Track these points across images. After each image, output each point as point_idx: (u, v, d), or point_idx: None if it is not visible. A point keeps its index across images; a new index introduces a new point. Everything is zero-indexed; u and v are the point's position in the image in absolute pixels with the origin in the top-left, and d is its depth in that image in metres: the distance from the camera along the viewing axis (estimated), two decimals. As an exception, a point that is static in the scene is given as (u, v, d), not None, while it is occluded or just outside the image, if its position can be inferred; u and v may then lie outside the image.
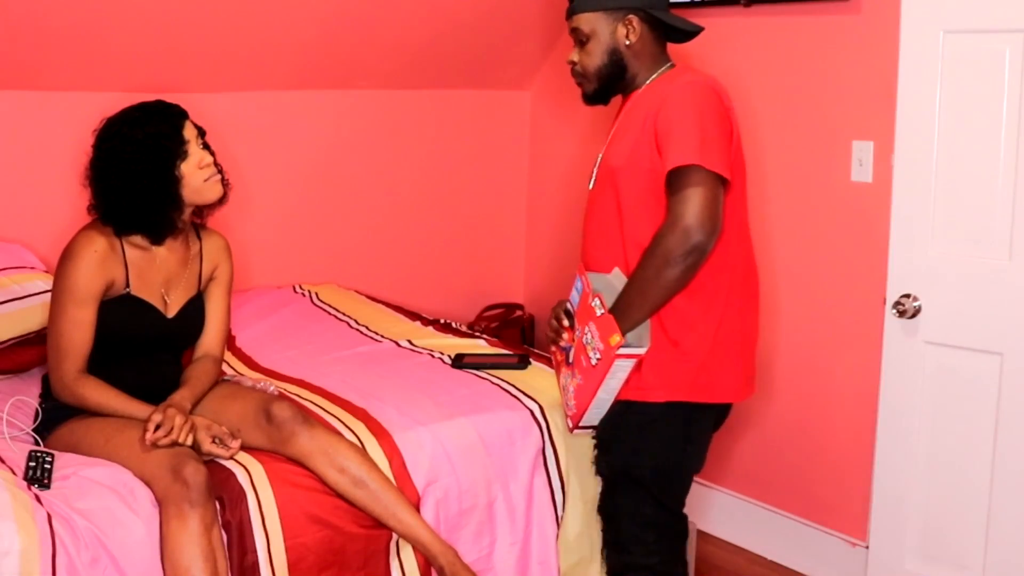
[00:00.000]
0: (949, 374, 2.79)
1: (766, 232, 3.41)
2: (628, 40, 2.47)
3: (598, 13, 2.48)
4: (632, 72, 2.50)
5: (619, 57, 2.48)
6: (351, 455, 2.51)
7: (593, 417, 2.46)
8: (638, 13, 2.46)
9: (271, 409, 2.54)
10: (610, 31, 2.47)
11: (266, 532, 2.41)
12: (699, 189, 2.26)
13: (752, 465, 3.56)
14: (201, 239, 2.72)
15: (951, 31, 2.67)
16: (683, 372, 2.39)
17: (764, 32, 3.34)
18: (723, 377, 2.44)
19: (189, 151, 2.53)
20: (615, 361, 2.30)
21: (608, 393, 2.39)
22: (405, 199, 4.11)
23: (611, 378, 2.34)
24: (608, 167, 2.46)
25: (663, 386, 2.39)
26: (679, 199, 2.27)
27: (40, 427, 2.59)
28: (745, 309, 2.47)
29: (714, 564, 3.47)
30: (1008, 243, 2.65)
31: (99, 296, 2.51)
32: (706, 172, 2.27)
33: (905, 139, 2.79)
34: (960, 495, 2.80)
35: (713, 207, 2.27)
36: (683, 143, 2.29)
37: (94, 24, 3.15)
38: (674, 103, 2.35)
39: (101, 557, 2.23)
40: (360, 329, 3.35)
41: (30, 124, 3.35)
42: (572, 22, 2.52)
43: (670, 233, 2.27)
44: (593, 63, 2.50)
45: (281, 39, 3.54)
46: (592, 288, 2.39)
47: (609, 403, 2.42)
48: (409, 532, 2.52)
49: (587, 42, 2.50)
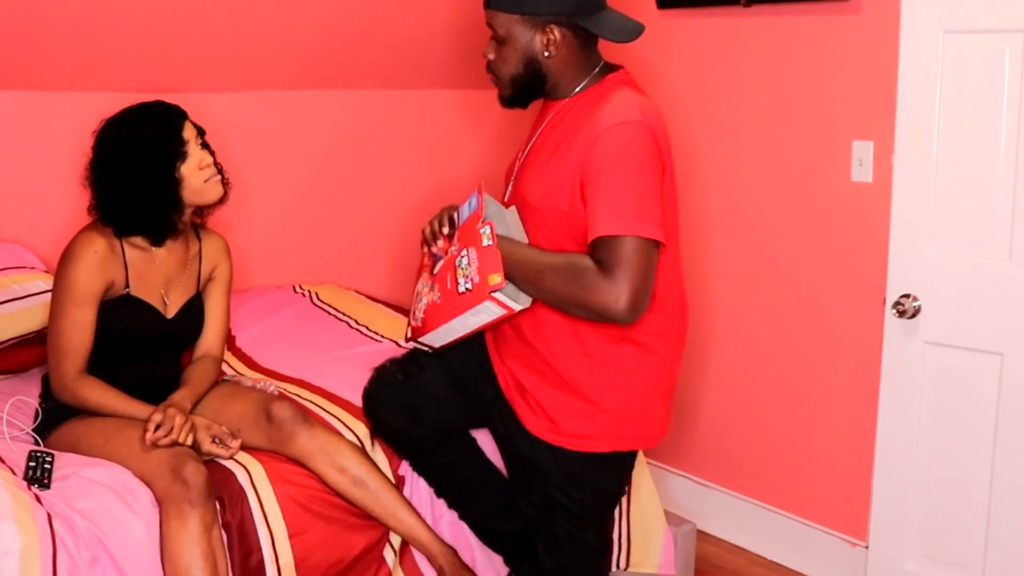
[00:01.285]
0: (949, 374, 2.79)
1: (766, 232, 3.41)
2: (548, 51, 2.22)
3: (514, 17, 2.21)
4: (553, 82, 2.27)
5: (537, 67, 2.24)
6: (351, 455, 2.51)
7: (436, 339, 2.32)
8: (561, 20, 2.20)
9: (271, 409, 2.54)
10: (527, 39, 2.22)
11: (270, 531, 2.41)
12: (633, 264, 2.09)
13: (752, 465, 3.56)
14: (201, 239, 2.72)
15: (951, 31, 2.67)
16: (605, 423, 2.30)
17: (764, 32, 3.33)
18: (652, 423, 2.37)
19: (189, 152, 2.53)
20: (485, 300, 2.14)
21: (463, 327, 2.24)
22: (405, 199, 4.11)
23: (473, 315, 2.19)
24: (522, 197, 2.28)
25: (590, 437, 2.30)
26: (613, 271, 2.10)
27: (40, 427, 2.59)
28: (673, 355, 2.39)
29: (714, 564, 3.47)
30: (1008, 243, 2.65)
31: (99, 297, 2.51)
32: (642, 241, 2.11)
33: (905, 139, 2.79)
34: (960, 495, 2.80)
35: (646, 285, 2.12)
36: (616, 209, 2.10)
37: (94, 24, 3.14)
38: (606, 159, 2.11)
39: (101, 557, 2.23)
40: (360, 329, 3.35)
41: (30, 124, 3.35)
42: (487, 16, 2.27)
43: (601, 292, 2.09)
44: (508, 70, 2.27)
45: (281, 39, 3.54)
46: (484, 213, 2.19)
47: (459, 336, 2.27)
48: (409, 532, 2.53)
49: (502, 44, 2.26)
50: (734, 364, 3.57)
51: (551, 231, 2.24)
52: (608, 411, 2.29)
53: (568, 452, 2.32)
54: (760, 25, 3.34)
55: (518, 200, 2.31)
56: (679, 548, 3.22)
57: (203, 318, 2.72)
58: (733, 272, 3.53)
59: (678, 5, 3.52)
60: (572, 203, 2.18)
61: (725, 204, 3.52)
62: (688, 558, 3.28)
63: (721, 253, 3.56)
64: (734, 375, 3.57)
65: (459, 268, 2.20)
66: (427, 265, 2.38)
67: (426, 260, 2.40)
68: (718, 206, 3.54)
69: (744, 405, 3.56)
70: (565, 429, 2.31)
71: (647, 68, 3.71)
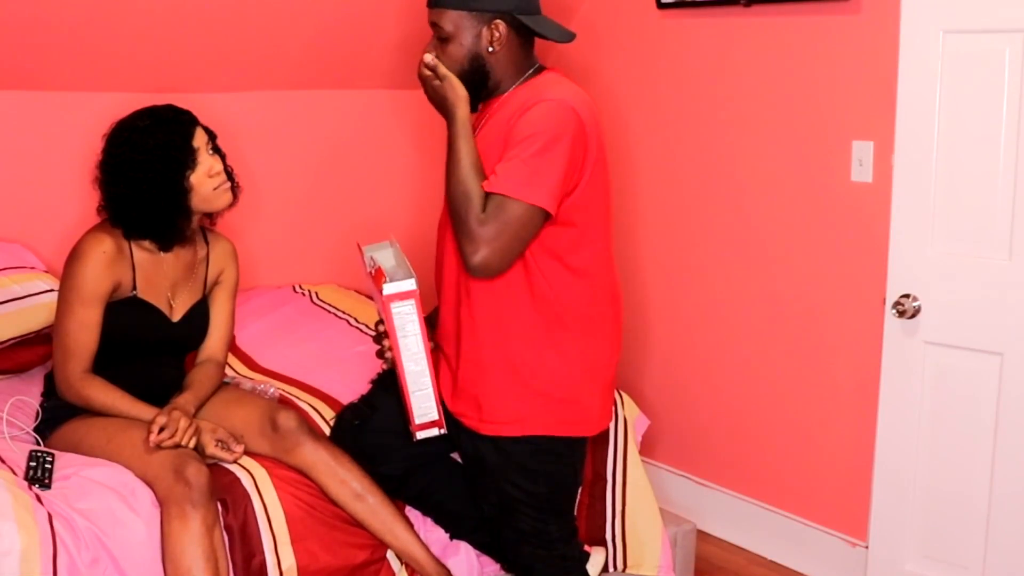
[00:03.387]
0: (949, 374, 2.79)
1: (766, 232, 3.41)
2: (492, 47, 2.29)
3: (463, 12, 2.27)
4: (495, 80, 2.33)
5: (482, 63, 2.30)
6: (353, 469, 2.53)
7: (425, 409, 2.27)
8: (505, 17, 2.28)
9: (277, 418, 2.55)
10: (474, 34, 2.28)
11: (273, 535, 2.42)
12: (507, 225, 2.16)
13: (752, 465, 3.56)
14: (209, 243, 2.72)
15: (951, 31, 2.67)
16: (544, 407, 2.32)
17: (764, 32, 3.33)
18: (589, 410, 2.38)
19: (199, 160, 2.52)
20: (390, 307, 2.14)
21: (413, 362, 2.21)
22: (405, 199, 4.11)
23: (403, 336, 2.18)
24: None
25: (522, 420, 2.31)
26: (485, 224, 2.17)
27: (41, 427, 2.60)
28: (609, 344, 2.40)
29: (714, 564, 3.47)
30: (1008, 243, 2.65)
31: (106, 297, 2.51)
32: (525, 206, 2.17)
33: (905, 139, 2.79)
34: (960, 495, 2.80)
35: (512, 248, 2.19)
36: (514, 171, 2.17)
37: (97, 24, 3.14)
38: (525, 127, 2.20)
39: (102, 557, 2.23)
40: (360, 327, 3.35)
41: (32, 124, 3.34)
42: (433, 15, 2.31)
43: (464, 237, 2.18)
44: (453, 67, 2.30)
45: (281, 39, 3.54)
46: (370, 261, 2.24)
47: (427, 381, 2.25)
48: (404, 549, 2.55)
49: (448, 42, 2.30)
50: (734, 364, 3.57)
51: None
52: (540, 393, 2.31)
53: (510, 445, 2.34)
54: (760, 25, 3.34)
55: None
56: (679, 548, 3.22)
57: (208, 322, 2.72)
58: (732, 272, 3.53)
59: (678, 5, 3.52)
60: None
61: (725, 204, 3.52)
62: (688, 558, 3.29)
63: (721, 253, 3.56)
64: (734, 375, 3.57)
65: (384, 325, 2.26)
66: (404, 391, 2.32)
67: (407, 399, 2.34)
68: (718, 206, 3.54)
69: (744, 405, 3.56)
70: (498, 415, 2.33)
71: (647, 68, 3.71)
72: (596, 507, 2.93)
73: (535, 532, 2.43)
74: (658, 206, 3.74)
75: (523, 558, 2.48)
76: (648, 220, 3.77)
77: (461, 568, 2.72)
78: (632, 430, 3.00)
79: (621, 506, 2.94)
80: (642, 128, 3.75)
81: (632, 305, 3.82)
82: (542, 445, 2.35)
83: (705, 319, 3.64)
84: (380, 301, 2.21)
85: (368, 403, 2.62)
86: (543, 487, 2.40)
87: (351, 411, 2.67)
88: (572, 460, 2.45)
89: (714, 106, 3.51)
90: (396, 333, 2.20)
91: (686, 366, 3.72)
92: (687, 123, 3.60)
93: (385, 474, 2.57)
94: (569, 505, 2.53)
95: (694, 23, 3.53)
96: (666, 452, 3.82)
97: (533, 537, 2.44)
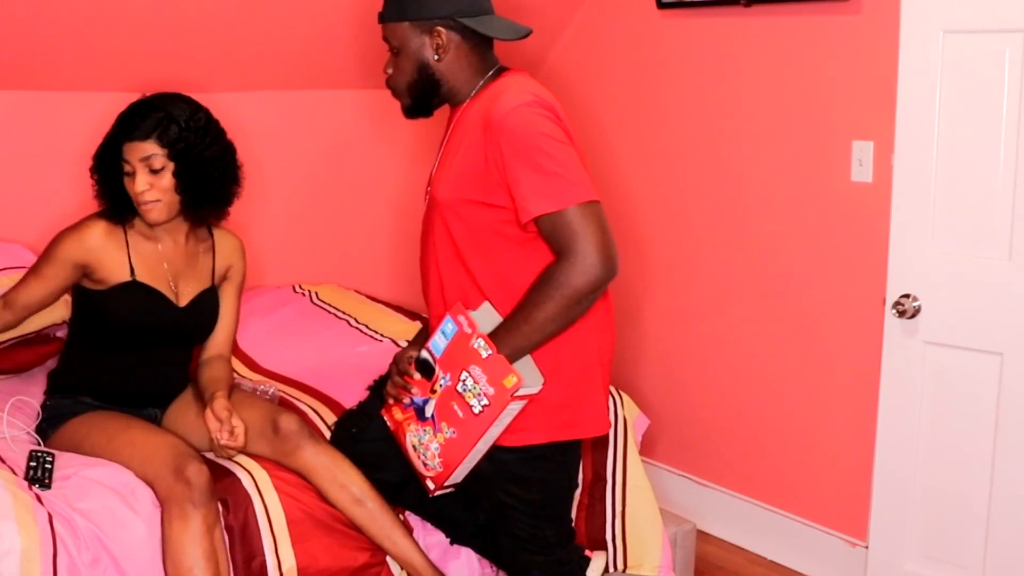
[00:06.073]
0: (949, 374, 2.79)
1: (766, 232, 3.41)
2: (437, 55, 2.27)
3: (403, 24, 2.27)
4: (448, 86, 2.31)
5: (430, 73, 2.29)
6: (353, 474, 2.53)
7: (462, 472, 2.28)
8: (447, 22, 2.25)
9: (278, 421, 2.55)
10: (417, 44, 2.27)
11: (273, 536, 2.42)
12: (584, 229, 2.11)
13: (752, 465, 3.56)
14: (213, 236, 2.73)
15: (951, 31, 2.68)
16: (538, 415, 2.28)
17: (764, 32, 3.34)
18: (587, 411, 2.36)
19: (129, 172, 2.51)
20: (509, 404, 2.15)
21: (486, 443, 2.22)
22: (405, 199, 4.11)
23: (498, 426, 2.20)
24: (432, 197, 2.31)
25: (516, 431, 2.27)
26: (572, 247, 2.11)
27: (42, 427, 2.60)
28: (604, 341, 2.38)
29: (714, 564, 3.47)
30: (1008, 243, 2.65)
31: (75, 266, 2.53)
32: (580, 206, 2.12)
33: (905, 139, 2.79)
34: (960, 495, 2.80)
35: (606, 238, 2.13)
36: (544, 187, 2.12)
37: (95, 24, 3.14)
38: (517, 142, 2.14)
39: (102, 557, 2.23)
40: (360, 328, 3.35)
41: (31, 124, 3.35)
42: (383, 30, 2.33)
43: (573, 272, 2.11)
44: (403, 79, 2.31)
45: (281, 39, 3.54)
46: (478, 329, 2.20)
47: (481, 455, 2.27)
48: (403, 555, 2.55)
49: (398, 55, 2.31)
50: (734, 364, 3.57)
51: (466, 224, 2.25)
52: (534, 401, 2.26)
53: (502, 455, 2.30)
54: (760, 25, 3.34)
55: (430, 201, 2.32)
56: (679, 548, 3.22)
57: (217, 311, 2.71)
58: (733, 271, 3.53)
59: (678, 5, 3.52)
60: (486, 190, 2.20)
61: (725, 204, 3.52)
62: (688, 558, 3.29)
63: (721, 253, 3.56)
64: (734, 375, 3.57)
65: (464, 393, 2.20)
66: (407, 418, 2.33)
67: (401, 415, 2.34)
68: (718, 206, 3.54)
69: (744, 405, 3.56)
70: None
71: (647, 68, 3.71)
72: (596, 507, 2.93)
73: (531, 538, 2.42)
74: (658, 206, 3.74)
75: (520, 564, 2.48)
76: (648, 220, 3.77)
77: (462, 572, 2.72)
78: (632, 430, 3.00)
79: (621, 506, 2.94)
80: (642, 128, 3.75)
81: (632, 305, 3.82)
82: (534, 452, 2.33)
83: (705, 319, 3.64)
84: (482, 369, 2.17)
85: (365, 411, 2.61)
86: (536, 494, 2.39)
87: (348, 418, 2.67)
88: (566, 465, 2.44)
89: (714, 106, 3.51)
90: (494, 423, 2.19)
91: (686, 366, 3.72)
92: (687, 123, 3.60)
93: (383, 481, 2.57)
94: (565, 509, 2.52)
95: (694, 23, 3.53)
96: (666, 452, 3.82)
97: (529, 543, 2.43)
